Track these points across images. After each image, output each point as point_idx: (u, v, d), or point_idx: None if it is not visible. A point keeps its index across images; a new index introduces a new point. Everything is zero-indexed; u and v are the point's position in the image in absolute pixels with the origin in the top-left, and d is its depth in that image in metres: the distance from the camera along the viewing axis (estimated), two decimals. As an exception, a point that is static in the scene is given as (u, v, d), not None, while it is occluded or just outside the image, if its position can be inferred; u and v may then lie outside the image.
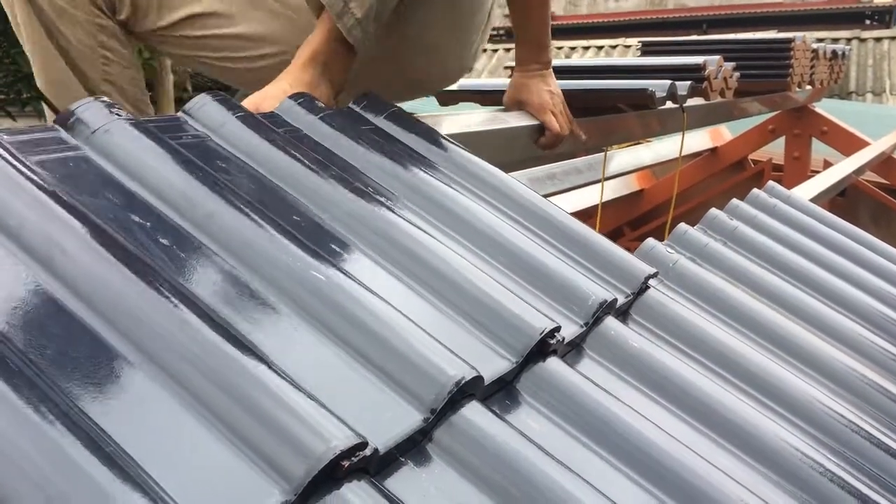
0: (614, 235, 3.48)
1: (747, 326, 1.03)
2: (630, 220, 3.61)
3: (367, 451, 0.54)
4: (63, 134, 0.75)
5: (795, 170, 3.32)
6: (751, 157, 3.65)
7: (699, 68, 1.97)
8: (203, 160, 0.78)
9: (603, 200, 2.88)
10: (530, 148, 1.50)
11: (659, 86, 1.67)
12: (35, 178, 0.64)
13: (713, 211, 1.30)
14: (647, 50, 2.79)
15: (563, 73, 2.03)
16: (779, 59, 2.57)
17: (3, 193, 0.62)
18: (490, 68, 11.69)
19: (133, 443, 0.48)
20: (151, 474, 0.47)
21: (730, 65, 2.19)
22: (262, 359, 0.55)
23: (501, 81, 1.86)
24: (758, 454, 0.79)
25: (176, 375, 0.53)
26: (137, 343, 0.55)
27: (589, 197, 2.88)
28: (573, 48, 10.96)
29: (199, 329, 0.55)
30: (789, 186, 1.62)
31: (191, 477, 0.48)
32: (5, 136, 0.70)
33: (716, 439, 0.80)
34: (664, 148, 3.35)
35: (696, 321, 0.95)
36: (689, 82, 1.81)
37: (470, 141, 1.20)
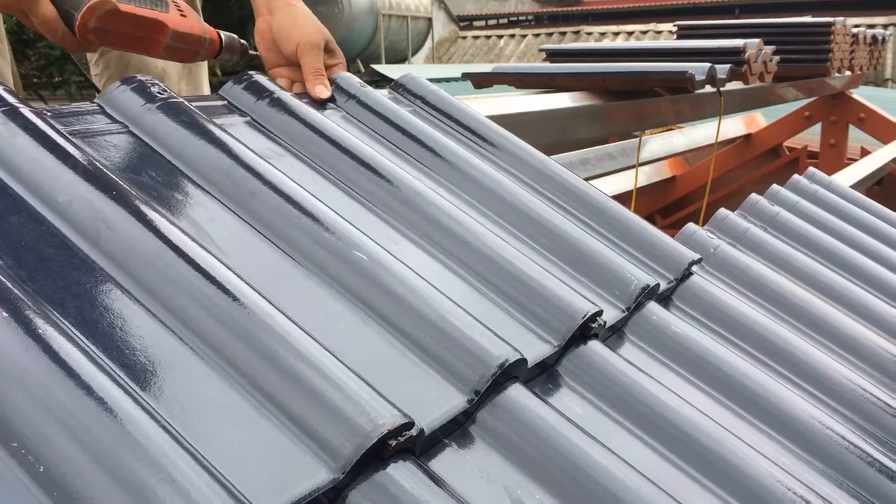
0: (646, 223, 3.41)
1: (790, 313, 1.01)
2: (661, 208, 3.56)
3: (413, 432, 0.53)
4: (107, 111, 0.75)
5: (832, 157, 3.25)
6: (785, 144, 3.59)
7: (739, 51, 1.93)
8: (244, 140, 0.78)
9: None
10: (567, 131, 1.48)
11: (697, 68, 1.64)
12: (80, 155, 0.64)
13: (754, 196, 1.28)
14: (682, 33, 2.74)
15: (600, 55, 2.01)
16: (818, 44, 2.51)
17: (52, 169, 0.62)
18: (518, 53, 11.61)
19: (181, 418, 0.48)
20: (198, 448, 0.46)
21: (769, 48, 2.14)
22: (309, 337, 0.55)
23: (537, 65, 1.85)
24: (801, 440, 0.78)
25: (224, 352, 0.53)
26: (185, 320, 0.55)
27: (621, 183, 2.84)
28: (603, 34, 10.86)
29: (248, 307, 0.55)
30: (826, 174, 1.59)
31: (238, 453, 0.48)
32: (50, 114, 0.70)
33: (759, 425, 0.78)
34: (697, 134, 3.29)
35: (739, 307, 0.93)
36: (728, 65, 1.78)
37: (507, 123, 1.19)
